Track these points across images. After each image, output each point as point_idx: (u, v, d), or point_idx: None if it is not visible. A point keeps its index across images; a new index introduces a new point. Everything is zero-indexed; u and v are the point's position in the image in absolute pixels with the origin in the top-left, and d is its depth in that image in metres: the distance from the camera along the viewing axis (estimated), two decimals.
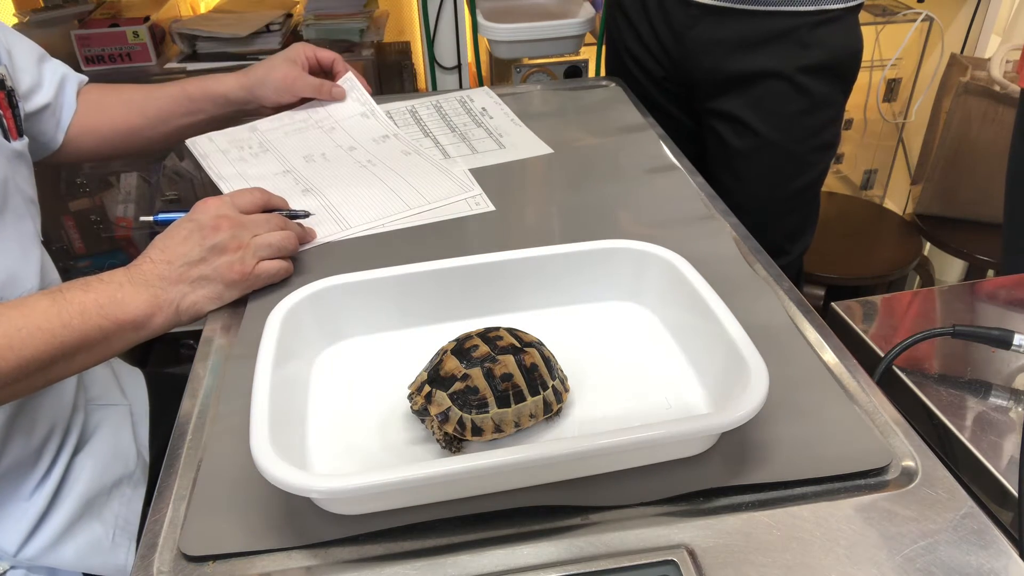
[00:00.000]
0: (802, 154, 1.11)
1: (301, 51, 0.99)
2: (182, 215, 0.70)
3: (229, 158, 0.92)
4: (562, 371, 0.58)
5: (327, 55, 1.01)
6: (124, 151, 0.95)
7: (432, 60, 1.54)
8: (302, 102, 1.02)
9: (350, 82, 1.02)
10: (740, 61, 1.06)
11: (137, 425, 0.85)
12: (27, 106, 0.81)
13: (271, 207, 0.76)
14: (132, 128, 0.92)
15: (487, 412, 0.53)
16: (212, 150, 0.93)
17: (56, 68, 0.86)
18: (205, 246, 0.67)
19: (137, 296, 0.63)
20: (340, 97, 1.00)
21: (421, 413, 0.55)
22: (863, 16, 1.81)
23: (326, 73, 1.03)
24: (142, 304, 0.63)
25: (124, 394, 0.86)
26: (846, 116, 2.00)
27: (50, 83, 0.85)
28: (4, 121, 0.72)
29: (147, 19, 1.53)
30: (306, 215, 0.80)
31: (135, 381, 0.90)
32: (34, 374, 0.59)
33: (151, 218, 0.80)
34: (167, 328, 0.66)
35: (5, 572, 0.70)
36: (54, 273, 0.77)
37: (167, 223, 0.71)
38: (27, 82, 0.81)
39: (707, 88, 1.11)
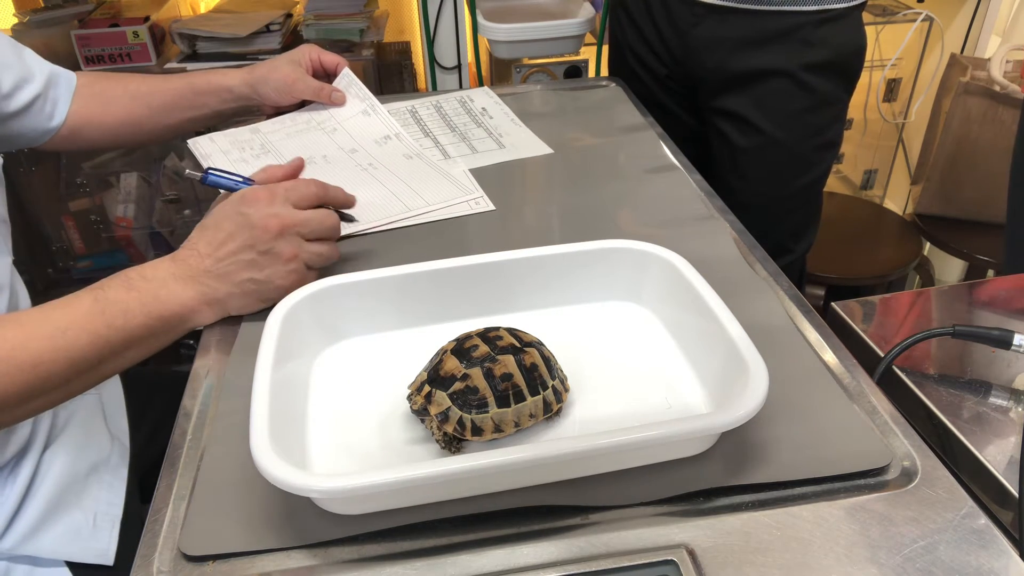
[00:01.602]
0: (806, 152, 1.11)
1: (306, 53, 0.99)
2: (234, 181, 0.68)
3: (230, 159, 0.92)
4: (562, 371, 0.58)
5: (331, 59, 1.01)
6: (127, 142, 0.95)
7: (432, 60, 1.54)
8: (303, 104, 1.01)
9: (348, 78, 1.02)
10: (744, 59, 1.06)
11: (110, 413, 0.85)
12: (13, 104, 0.81)
13: (327, 202, 0.71)
14: (137, 120, 0.93)
15: (487, 412, 0.53)
16: (213, 151, 0.93)
17: (43, 63, 0.86)
18: (256, 248, 0.64)
19: (183, 292, 0.63)
20: (340, 102, 1.00)
21: (421, 413, 0.55)
22: (863, 16, 1.81)
23: (329, 77, 1.03)
24: (187, 300, 0.63)
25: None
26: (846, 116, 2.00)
27: (39, 77, 0.84)
28: None
29: (147, 19, 1.53)
30: (353, 220, 0.76)
31: None
32: (85, 373, 0.59)
33: (198, 175, 0.73)
34: (215, 320, 0.66)
35: None
36: (21, 287, 0.77)
37: (217, 187, 0.68)
38: (11, 79, 0.80)
39: (711, 87, 1.11)
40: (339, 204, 0.72)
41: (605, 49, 1.46)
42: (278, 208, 0.65)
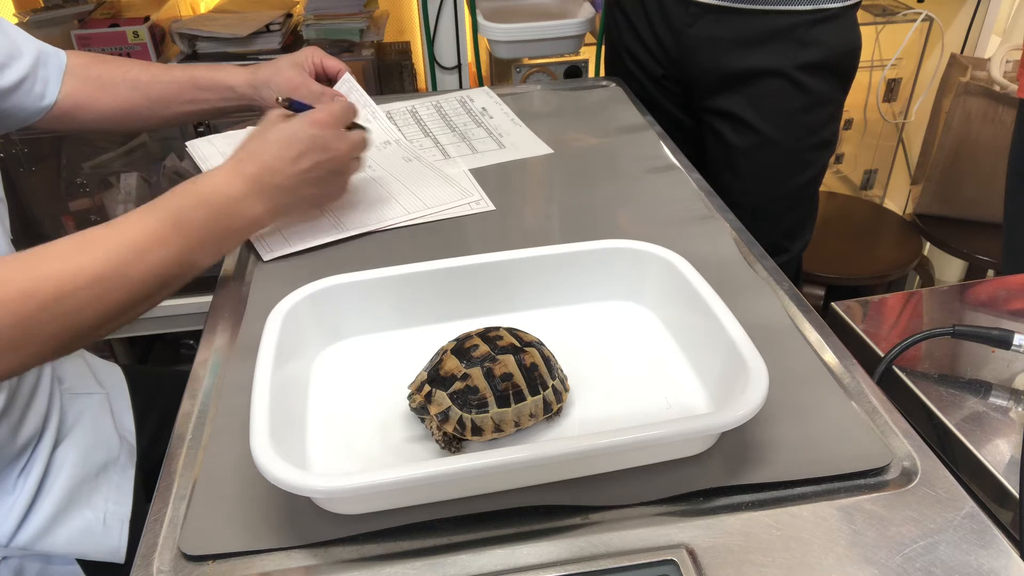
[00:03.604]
0: (801, 152, 1.12)
1: (309, 56, 0.99)
2: (308, 108, 0.76)
3: None
4: (562, 371, 0.58)
5: (334, 64, 1.01)
6: (122, 129, 0.95)
7: (432, 60, 1.54)
8: None
9: (348, 84, 1.02)
10: (739, 59, 1.06)
11: (117, 412, 0.85)
12: (2, 81, 0.80)
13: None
14: (134, 108, 0.92)
15: (487, 412, 0.53)
16: (212, 153, 0.93)
17: (31, 40, 0.85)
18: (327, 167, 0.73)
19: (256, 206, 0.69)
20: None
21: (420, 411, 0.55)
22: (863, 16, 1.81)
23: (331, 82, 1.02)
24: (260, 214, 0.70)
25: (100, 383, 0.86)
26: (846, 116, 2.00)
27: (28, 56, 0.83)
28: None
29: (147, 19, 1.53)
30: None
31: (111, 372, 0.90)
32: (169, 286, 0.64)
33: (286, 99, 0.79)
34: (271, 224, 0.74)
35: None
36: None
37: (300, 109, 0.76)
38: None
39: (706, 86, 1.11)
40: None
41: (604, 49, 1.46)
42: (344, 132, 0.76)
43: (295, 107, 0.77)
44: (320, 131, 0.73)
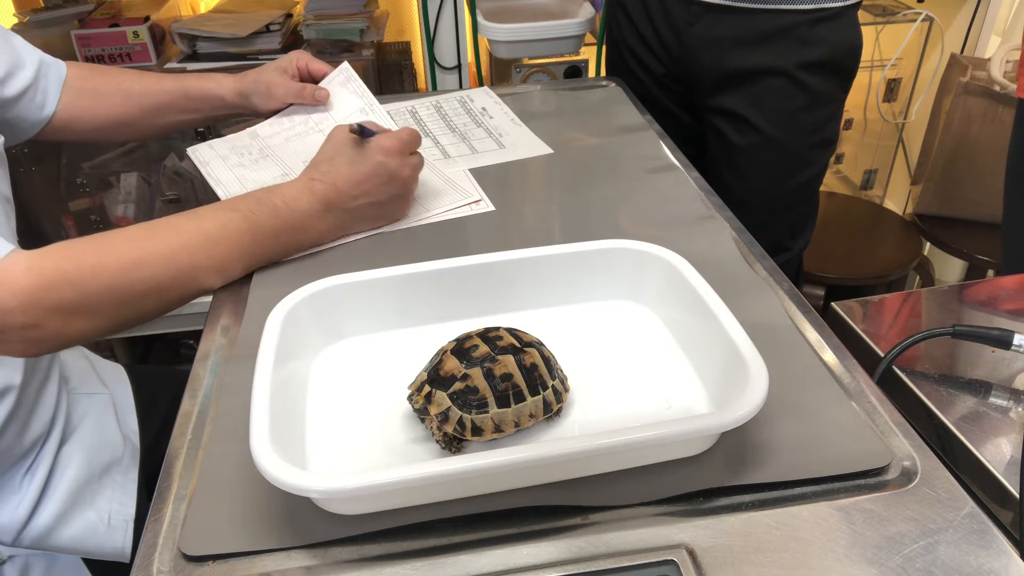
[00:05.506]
0: (802, 151, 1.12)
1: (293, 60, 0.98)
2: (375, 135, 0.78)
3: (228, 164, 0.92)
4: (562, 371, 0.58)
5: (321, 67, 1.00)
6: (116, 139, 0.97)
7: (432, 60, 1.54)
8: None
9: (346, 73, 1.00)
10: (740, 58, 1.06)
11: (121, 413, 0.85)
12: (7, 91, 0.80)
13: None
14: (128, 119, 0.93)
15: (487, 412, 0.53)
16: (212, 157, 0.93)
17: (33, 50, 0.85)
18: (390, 191, 0.77)
19: (322, 223, 0.74)
20: (323, 100, 0.98)
21: (420, 411, 0.55)
22: (863, 16, 1.81)
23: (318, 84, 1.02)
24: (324, 231, 0.75)
25: (104, 383, 0.87)
26: (846, 116, 2.00)
27: (30, 66, 0.83)
28: None
29: (147, 19, 1.53)
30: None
31: (115, 373, 0.90)
32: (229, 279, 0.70)
33: (356, 125, 0.78)
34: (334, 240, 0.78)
35: (3, 561, 0.71)
36: None
37: (369, 135, 0.77)
38: (3, 66, 0.80)
39: (708, 85, 1.12)
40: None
41: (605, 49, 1.46)
42: (408, 159, 0.78)
43: (364, 133, 0.78)
44: (386, 158, 0.75)
